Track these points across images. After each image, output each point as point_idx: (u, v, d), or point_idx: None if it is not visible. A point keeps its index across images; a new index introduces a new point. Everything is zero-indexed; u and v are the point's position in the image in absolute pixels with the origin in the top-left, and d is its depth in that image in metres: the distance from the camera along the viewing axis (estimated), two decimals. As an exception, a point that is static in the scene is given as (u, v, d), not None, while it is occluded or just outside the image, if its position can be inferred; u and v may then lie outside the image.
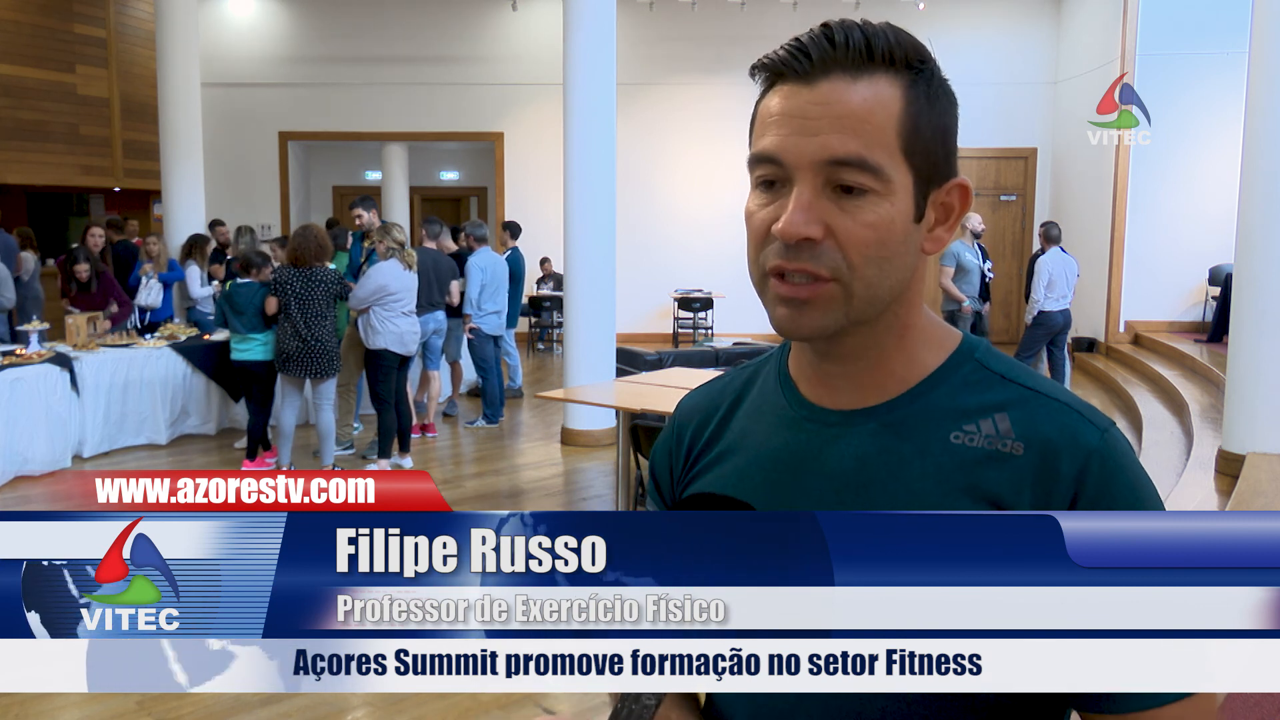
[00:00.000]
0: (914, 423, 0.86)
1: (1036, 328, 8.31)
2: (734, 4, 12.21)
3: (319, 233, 6.43)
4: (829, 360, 0.90)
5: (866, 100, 0.81)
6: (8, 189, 12.09)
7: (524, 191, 13.36)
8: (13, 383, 6.23)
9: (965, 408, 0.86)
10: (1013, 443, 0.83)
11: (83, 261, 7.97)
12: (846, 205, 0.81)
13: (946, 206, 0.87)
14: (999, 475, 0.82)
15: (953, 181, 0.87)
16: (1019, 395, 0.86)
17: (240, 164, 13.38)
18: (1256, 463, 5.63)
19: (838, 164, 0.80)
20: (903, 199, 0.82)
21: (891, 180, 0.81)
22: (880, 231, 0.81)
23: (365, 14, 13.16)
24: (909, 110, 0.82)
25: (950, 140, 0.86)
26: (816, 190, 0.81)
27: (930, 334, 0.90)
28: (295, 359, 6.24)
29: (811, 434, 0.90)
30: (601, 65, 7.35)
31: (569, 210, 7.45)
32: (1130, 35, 10.65)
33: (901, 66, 0.82)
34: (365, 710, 3.48)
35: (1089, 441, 0.82)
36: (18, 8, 11.37)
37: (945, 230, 0.87)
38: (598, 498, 6.20)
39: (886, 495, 0.84)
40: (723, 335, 12.56)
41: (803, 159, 0.81)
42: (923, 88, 0.83)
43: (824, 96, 0.81)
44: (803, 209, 0.81)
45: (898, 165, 0.82)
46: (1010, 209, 13.07)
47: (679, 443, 1.02)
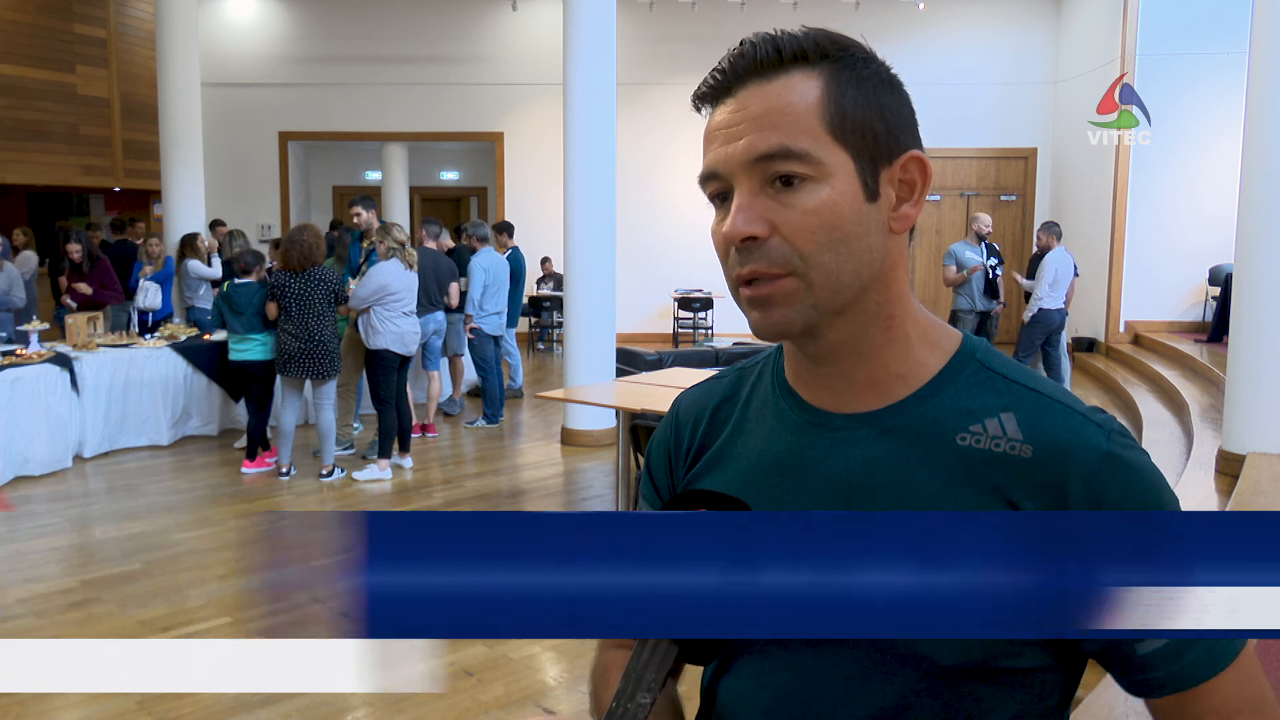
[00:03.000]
0: (920, 427, 0.86)
1: (1034, 325, 8.31)
2: (734, 4, 12.21)
3: (311, 234, 6.42)
4: (818, 361, 0.89)
5: (782, 95, 0.82)
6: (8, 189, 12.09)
7: (524, 191, 13.36)
8: (13, 383, 6.23)
9: (970, 409, 0.86)
10: (1021, 445, 0.83)
11: (74, 241, 8.04)
12: (786, 198, 0.82)
13: (906, 183, 0.86)
14: (1008, 477, 0.82)
15: (906, 155, 0.86)
16: (1024, 397, 0.86)
17: (240, 164, 13.38)
18: (1256, 463, 5.63)
19: (765, 159, 0.81)
20: (844, 180, 0.82)
21: (823, 163, 0.81)
22: (823, 215, 0.81)
23: (365, 14, 13.16)
24: (829, 93, 0.82)
25: (890, 115, 0.85)
26: (754, 190, 0.82)
27: (927, 332, 0.90)
28: (296, 360, 6.25)
29: (815, 438, 0.90)
30: (601, 65, 7.35)
31: (569, 210, 7.45)
32: (1130, 35, 10.65)
33: (817, 58, 0.83)
34: (365, 710, 3.48)
35: (1098, 444, 0.82)
36: (18, 8, 11.37)
37: (911, 206, 0.86)
38: (598, 498, 6.20)
39: (895, 499, 0.84)
40: (723, 335, 12.57)
41: (733, 164, 0.83)
42: (845, 72, 0.83)
43: (741, 103, 0.83)
44: (742, 210, 0.82)
45: (827, 147, 0.81)
46: (1010, 209, 13.07)
47: (678, 440, 1.02)
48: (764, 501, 0.89)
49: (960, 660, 0.81)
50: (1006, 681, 0.83)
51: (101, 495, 6.23)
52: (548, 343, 13.22)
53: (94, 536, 5.45)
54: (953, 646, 0.81)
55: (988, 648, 0.81)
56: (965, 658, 0.81)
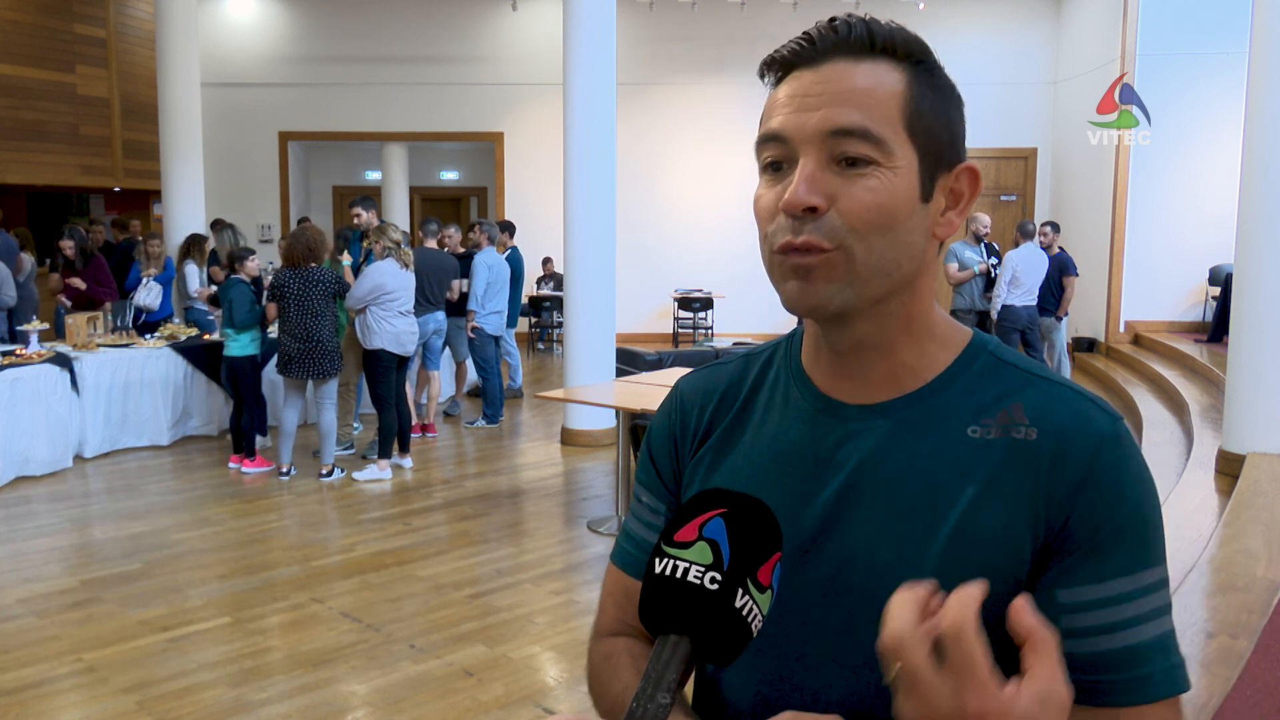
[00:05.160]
0: (932, 418, 0.87)
1: (1001, 323, 8.31)
2: (734, 4, 12.21)
3: (313, 232, 6.43)
4: (841, 352, 0.90)
5: (869, 77, 0.83)
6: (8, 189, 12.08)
7: (524, 191, 13.36)
8: (13, 383, 6.23)
9: (982, 401, 0.87)
10: (1027, 429, 0.84)
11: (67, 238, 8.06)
12: (850, 176, 0.82)
13: (956, 192, 0.88)
14: (1015, 463, 0.83)
15: (961, 165, 0.88)
16: (1034, 384, 0.87)
17: (240, 164, 13.38)
18: (1256, 463, 5.63)
19: (841, 134, 0.81)
20: (907, 174, 0.83)
21: (894, 153, 0.82)
22: (883, 198, 0.82)
23: (365, 14, 13.15)
24: (911, 92, 0.84)
25: (955, 129, 0.87)
26: (821, 163, 0.82)
27: (941, 330, 0.91)
28: (297, 361, 6.24)
29: (828, 428, 0.90)
30: (601, 65, 7.35)
31: (569, 210, 7.45)
32: (1130, 35, 10.65)
33: (903, 57, 0.85)
34: (365, 710, 3.48)
35: (1101, 427, 0.83)
36: (18, 8, 11.36)
37: (956, 215, 0.88)
38: (598, 498, 6.20)
39: (905, 490, 0.85)
40: (723, 335, 12.57)
41: (805, 132, 0.82)
42: (925, 78, 0.85)
43: (827, 75, 0.83)
44: (806, 180, 0.82)
45: (901, 140, 0.83)
46: (1010, 209, 13.07)
47: (684, 423, 1.01)
48: (776, 489, 0.89)
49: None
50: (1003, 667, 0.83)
51: (101, 495, 6.23)
52: (548, 343, 13.22)
53: (94, 536, 5.45)
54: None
55: (989, 633, 0.81)
56: None
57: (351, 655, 3.88)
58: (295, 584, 4.66)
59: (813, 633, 0.87)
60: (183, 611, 4.31)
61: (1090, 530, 0.80)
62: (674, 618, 0.75)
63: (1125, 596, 0.80)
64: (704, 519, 0.77)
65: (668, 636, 0.75)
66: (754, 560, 0.75)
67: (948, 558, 0.82)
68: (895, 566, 0.83)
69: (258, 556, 5.09)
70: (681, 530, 0.77)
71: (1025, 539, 0.81)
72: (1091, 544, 0.80)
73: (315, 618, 4.26)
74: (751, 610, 0.75)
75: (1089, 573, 0.80)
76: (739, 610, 0.74)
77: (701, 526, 0.76)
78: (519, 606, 4.41)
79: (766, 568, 0.76)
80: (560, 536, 5.44)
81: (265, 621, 4.23)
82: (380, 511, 5.88)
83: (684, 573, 0.75)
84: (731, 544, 0.75)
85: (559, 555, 5.13)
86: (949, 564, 0.81)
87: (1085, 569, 0.80)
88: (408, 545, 5.24)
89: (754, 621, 0.75)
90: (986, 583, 0.68)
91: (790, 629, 0.88)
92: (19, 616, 4.26)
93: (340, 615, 4.28)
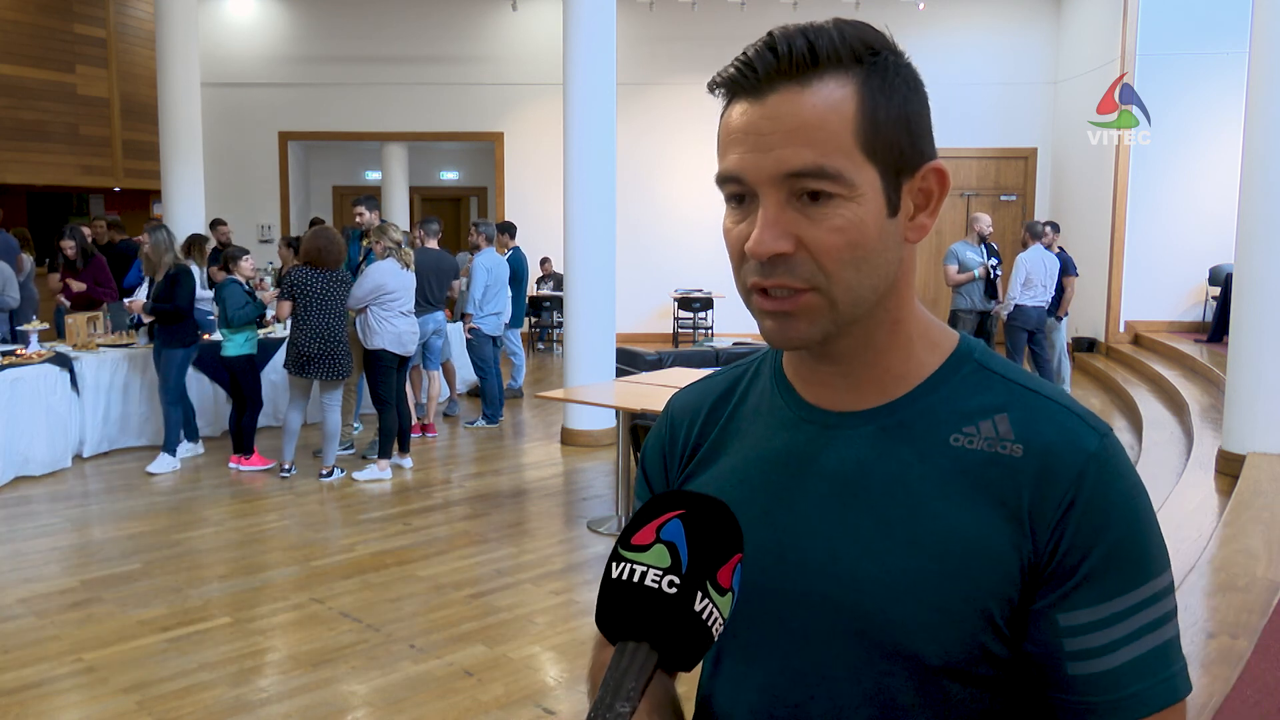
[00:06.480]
0: (914, 426, 0.86)
1: (1011, 323, 8.32)
2: (734, 4, 12.21)
3: (338, 234, 6.41)
4: (824, 361, 0.89)
5: (817, 107, 0.79)
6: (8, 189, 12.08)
7: (524, 191, 13.36)
8: (13, 383, 6.23)
9: (965, 410, 0.86)
10: (1012, 444, 0.83)
11: (68, 238, 8.05)
12: (814, 213, 0.80)
13: (924, 192, 0.86)
14: (998, 477, 0.82)
15: (926, 167, 0.85)
16: (1019, 396, 0.86)
17: (240, 164, 13.38)
18: (1256, 463, 5.62)
19: (796, 176, 0.80)
20: (871, 198, 0.81)
21: (855, 183, 0.80)
22: (850, 234, 0.80)
23: (365, 14, 13.15)
24: (863, 107, 0.80)
25: (915, 125, 0.84)
26: (781, 204, 0.80)
27: (927, 333, 0.90)
28: (315, 361, 6.21)
29: (810, 435, 0.90)
30: (601, 65, 7.35)
31: (569, 210, 7.45)
32: (1130, 35, 10.65)
33: (850, 62, 0.81)
34: (365, 710, 3.48)
35: (1088, 445, 0.82)
36: (18, 8, 11.36)
37: (927, 216, 0.86)
38: (598, 498, 6.19)
39: (887, 498, 0.84)
40: (723, 335, 12.57)
41: (761, 175, 0.80)
42: (877, 80, 0.81)
43: (774, 110, 0.80)
44: (769, 225, 0.80)
45: (859, 166, 0.80)
46: (1010, 209, 13.07)
47: (673, 440, 1.01)
48: (758, 497, 0.89)
49: (945, 659, 0.81)
50: (987, 681, 0.83)
51: (101, 495, 6.23)
52: (548, 343, 13.22)
53: (94, 536, 5.45)
54: (939, 645, 0.81)
55: (970, 646, 0.81)
56: (950, 657, 0.81)
57: (351, 655, 3.88)
58: (295, 584, 4.66)
59: (796, 644, 0.87)
60: (183, 611, 4.31)
61: (1082, 556, 0.80)
62: (632, 623, 0.73)
63: (1123, 614, 0.80)
64: (661, 521, 0.75)
65: (626, 643, 0.73)
66: (714, 562, 0.74)
67: (929, 569, 0.81)
68: (878, 578, 0.82)
69: (258, 556, 5.09)
70: (638, 533, 0.75)
71: (1010, 554, 0.80)
72: (1086, 570, 0.80)
73: (315, 618, 4.26)
74: (711, 614, 0.73)
75: (1085, 597, 0.80)
76: (698, 614, 0.72)
77: (659, 529, 0.74)
78: (519, 606, 4.41)
79: (726, 569, 0.74)
80: (560, 536, 5.44)
81: (265, 621, 4.23)
82: (380, 511, 5.88)
83: (641, 576, 0.73)
84: (690, 546, 0.74)
85: (559, 555, 5.13)
86: (931, 575, 0.81)
87: (1082, 594, 0.80)
88: (408, 545, 5.24)
89: (714, 625, 0.73)
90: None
91: (773, 639, 0.88)
92: (19, 616, 4.26)
93: (340, 615, 4.28)
